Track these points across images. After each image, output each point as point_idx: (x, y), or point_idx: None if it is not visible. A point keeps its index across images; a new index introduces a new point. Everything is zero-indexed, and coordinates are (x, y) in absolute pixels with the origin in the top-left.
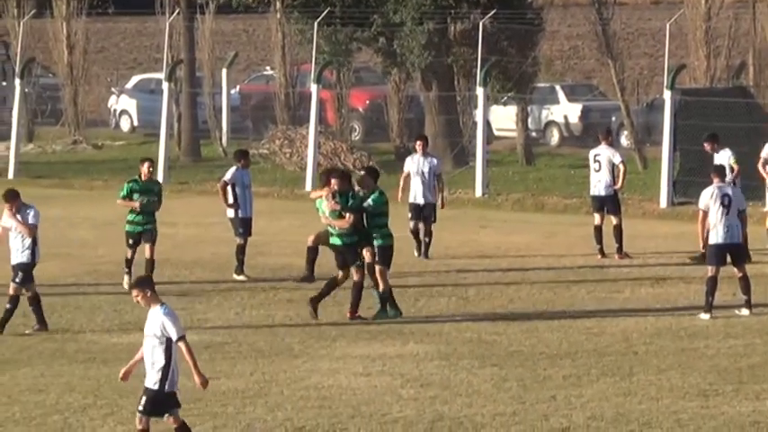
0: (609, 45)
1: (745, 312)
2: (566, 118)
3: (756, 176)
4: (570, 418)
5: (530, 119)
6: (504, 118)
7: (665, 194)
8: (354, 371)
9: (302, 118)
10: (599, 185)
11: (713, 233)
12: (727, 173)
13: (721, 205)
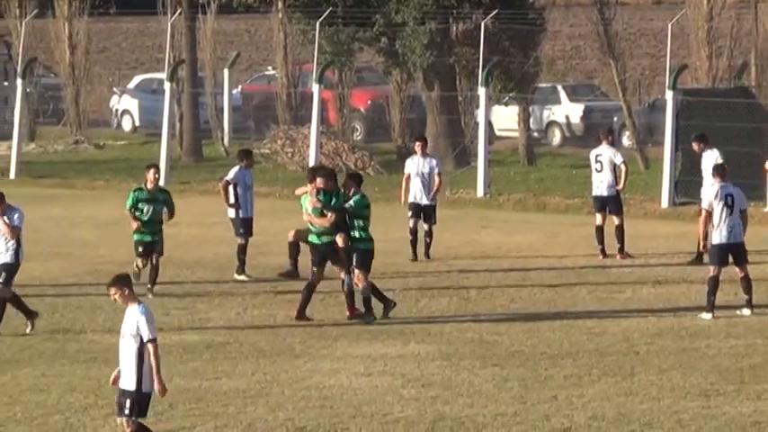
0: (611, 45)
1: (747, 312)
2: (567, 118)
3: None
4: (572, 418)
5: (531, 119)
6: (506, 118)
7: (666, 195)
8: (356, 371)
9: (304, 118)
10: (601, 186)
11: (717, 233)
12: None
13: (725, 205)
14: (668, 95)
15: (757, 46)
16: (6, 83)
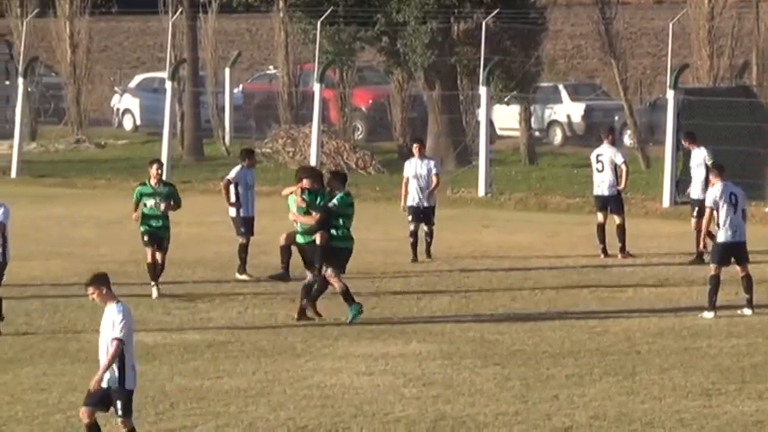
0: (612, 44)
1: (748, 312)
2: (569, 117)
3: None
4: (573, 417)
5: (533, 118)
6: (507, 117)
7: (667, 194)
8: (357, 370)
9: (305, 117)
10: (602, 185)
11: (721, 232)
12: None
13: (729, 204)
14: (669, 95)
15: (758, 45)
16: (8, 82)
